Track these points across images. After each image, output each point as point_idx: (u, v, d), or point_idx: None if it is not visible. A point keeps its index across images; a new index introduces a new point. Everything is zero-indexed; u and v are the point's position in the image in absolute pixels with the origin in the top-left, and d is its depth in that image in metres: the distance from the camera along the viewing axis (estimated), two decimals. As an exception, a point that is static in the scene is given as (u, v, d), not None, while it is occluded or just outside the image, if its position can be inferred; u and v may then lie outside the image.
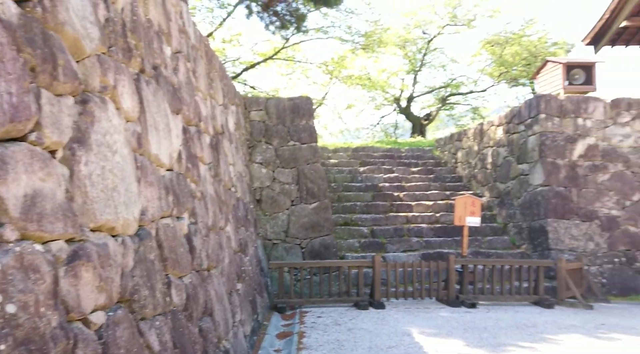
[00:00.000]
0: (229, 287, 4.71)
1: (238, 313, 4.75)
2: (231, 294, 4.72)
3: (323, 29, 16.94)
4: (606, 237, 8.90)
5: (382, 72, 23.08)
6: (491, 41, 22.22)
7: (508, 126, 10.75)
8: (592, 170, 9.22)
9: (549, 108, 9.42)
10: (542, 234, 9.04)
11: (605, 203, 9.07)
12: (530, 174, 9.60)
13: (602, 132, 9.38)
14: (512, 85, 23.00)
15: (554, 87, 11.77)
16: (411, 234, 10.17)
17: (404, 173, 13.15)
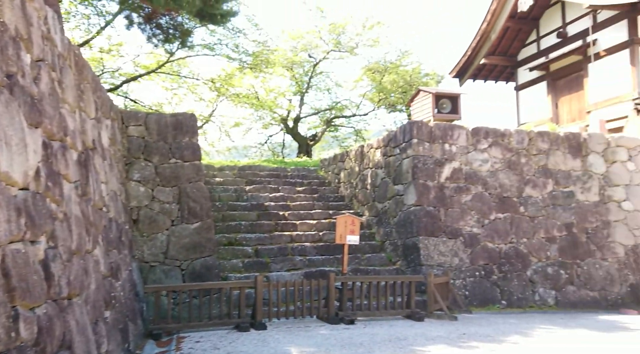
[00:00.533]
0: (95, 316, 4.35)
1: (104, 344, 4.40)
2: (97, 323, 4.36)
3: (210, 45, 16.71)
4: (469, 253, 9.79)
5: (270, 92, 23.32)
6: (372, 69, 23.64)
7: (385, 149, 11.43)
8: (457, 191, 10.13)
9: (420, 133, 10.21)
10: (414, 251, 9.68)
11: (468, 222, 9.99)
12: (404, 195, 10.27)
13: (465, 157, 10.37)
14: (391, 110, 24.63)
15: (426, 114, 12.81)
16: (295, 253, 10.28)
17: (290, 192, 13.32)
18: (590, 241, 10.51)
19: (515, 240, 10.13)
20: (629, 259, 10.57)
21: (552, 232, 10.37)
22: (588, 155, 11.08)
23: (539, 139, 10.87)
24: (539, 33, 16.10)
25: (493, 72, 18.13)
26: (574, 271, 10.20)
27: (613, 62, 12.89)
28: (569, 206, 10.63)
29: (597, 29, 13.36)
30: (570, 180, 10.81)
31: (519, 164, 10.62)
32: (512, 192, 10.43)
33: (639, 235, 10.78)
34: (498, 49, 16.87)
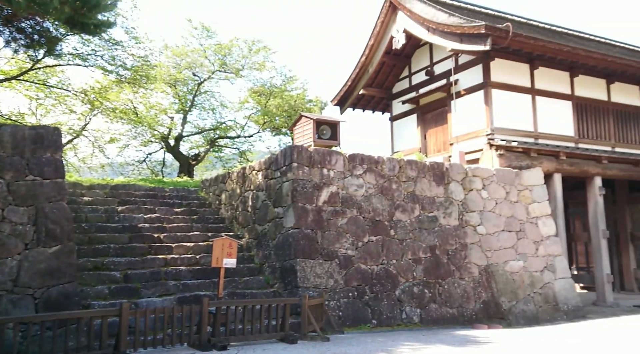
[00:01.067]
0: None
1: None
2: None
3: (83, 55, 15.63)
4: (343, 275, 10.14)
5: (150, 108, 22.37)
6: (257, 91, 23.89)
7: (267, 172, 11.52)
8: (334, 215, 10.50)
9: (300, 158, 10.47)
10: (292, 273, 9.78)
11: (343, 244, 10.38)
12: (284, 217, 10.39)
13: (342, 182, 10.82)
14: (275, 133, 24.99)
15: (307, 139, 13.19)
16: (169, 278, 9.83)
17: (167, 213, 12.78)
18: (451, 261, 11.50)
19: (386, 261, 10.73)
20: (482, 278, 11.73)
21: (418, 253, 11.16)
22: (450, 183, 12.19)
23: (408, 167, 11.74)
24: (411, 70, 17.54)
25: (371, 103, 19.29)
26: (436, 290, 11.05)
27: (471, 100, 14.46)
28: (433, 229, 11.56)
29: (458, 70, 14.94)
30: (435, 205, 11.79)
31: (390, 189, 11.34)
32: (384, 216, 11.07)
33: (490, 256, 12.05)
34: (375, 82, 18.02)
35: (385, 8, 15.99)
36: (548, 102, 14.85)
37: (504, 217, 12.59)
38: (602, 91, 16.13)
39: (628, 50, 20.43)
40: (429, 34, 14.31)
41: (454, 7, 16.74)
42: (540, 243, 12.80)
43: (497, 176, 12.84)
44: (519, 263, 12.30)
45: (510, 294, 11.81)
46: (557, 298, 12.38)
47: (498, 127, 13.78)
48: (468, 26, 12.68)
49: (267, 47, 23.43)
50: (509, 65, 14.30)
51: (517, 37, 12.48)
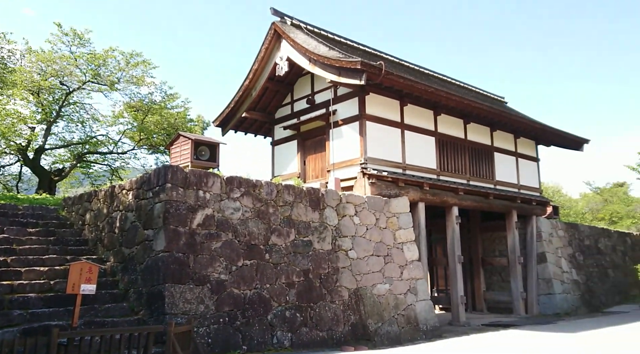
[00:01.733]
0: None
1: None
2: None
3: None
4: (214, 300, 9.87)
5: (6, 116, 20.06)
6: (134, 106, 22.69)
7: (138, 191, 10.92)
8: (209, 238, 10.25)
9: (175, 178, 10.11)
10: (159, 299, 9.29)
11: (216, 268, 10.14)
12: (154, 240, 9.89)
13: (219, 205, 10.64)
14: (152, 151, 23.85)
15: (184, 159, 12.83)
16: (14, 306, 8.76)
17: (18, 234, 11.48)
18: (323, 285, 11.81)
19: (260, 286, 10.68)
20: (351, 301, 12.20)
21: (292, 278, 11.30)
22: (325, 209, 12.61)
23: (286, 192, 11.93)
24: (293, 97, 18.03)
25: (253, 126, 19.39)
26: (308, 313, 11.23)
27: (348, 131, 15.24)
28: (307, 253, 11.81)
29: (337, 101, 15.70)
30: (310, 230, 12.08)
31: (267, 213, 11.39)
32: (260, 240, 11.07)
33: (360, 280, 12.60)
34: (258, 106, 18.19)
35: (270, 35, 16.33)
36: (415, 137, 16.19)
37: (373, 243, 13.30)
38: (460, 130, 18.03)
39: (482, 95, 23.21)
40: (311, 64, 14.89)
41: (335, 41, 17.68)
42: (404, 267, 13.71)
43: (368, 203, 13.58)
44: (385, 286, 13.03)
45: (376, 316, 12.42)
46: (418, 319, 13.29)
47: (371, 157, 14.66)
48: (346, 61, 13.44)
49: (147, 61, 22.46)
50: (382, 100, 15.39)
51: (389, 75, 13.50)
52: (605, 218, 41.95)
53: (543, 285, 19.56)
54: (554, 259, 20.29)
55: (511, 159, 20.23)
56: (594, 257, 23.58)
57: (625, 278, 25.26)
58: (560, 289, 19.67)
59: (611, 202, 44.71)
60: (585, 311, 20.08)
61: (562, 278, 20.18)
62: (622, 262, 25.92)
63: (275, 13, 16.56)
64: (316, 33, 17.15)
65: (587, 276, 22.09)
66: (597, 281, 22.78)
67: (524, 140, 20.98)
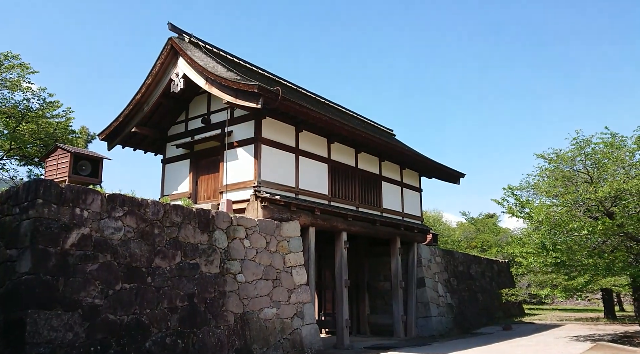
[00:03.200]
0: None
1: None
2: None
3: None
4: (86, 327, 9.09)
5: None
6: (6, 112, 20.54)
7: (2, 207, 9.83)
8: (84, 259, 9.47)
9: (48, 194, 9.26)
10: (19, 327, 8.33)
11: (90, 292, 9.37)
12: (18, 261, 8.91)
13: (98, 224, 9.92)
14: (24, 163, 21.66)
15: (62, 173, 11.87)
16: None
17: None
18: (208, 310, 11.43)
19: (139, 311, 10.05)
20: (237, 326, 11.94)
21: (176, 302, 10.80)
22: (215, 231, 12.32)
23: (174, 212, 11.47)
24: (188, 115, 17.58)
25: (144, 142, 18.48)
26: (190, 339, 10.77)
27: (243, 153, 15.16)
28: (194, 277, 11.39)
29: (233, 122, 15.60)
30: (197, 253, 11.70)
31: (152, 234, 10.85)
32: (142, 263, 10.47)
33: (247, 304, 12.41)
34: (150, 121, 17.44)
35: (167, 51, 15.88)
36: (309, 163, 16.57)
37: (262, 266, 13.23)
38: (352, 158, 18.83)
39: (373, 126, 24.52)
40: (207, 84, 14.69)
41: (234, 63, 17.67)
42: (292, 291, 13.78)
43: (259, 226, 13.54)
44: (272, 311, 12.96)
45: (262, 341, 12.27)
46: (303, 343, 13.36)
47: (265, 181, 14.70)
48: (243, 83, 13.47)
49: (26, 64, 20.54)
50: (278, 125, 15.60)
51: (285, 101, 13.76)
52: (477, 246, 46.05)
53: (421, 308, 20.78)
54: (432, 283, 21.73)
55: (397, 188, 21.48)
56: (466, 282, 25.66)
57: (492, 301, 27.78)
58: (437, 312, 21.04)
59: (483, 231, 49.24)
60: (458, 332, 21.63)
61: (438, 302, 21.63)
62: (489, 287, 28.51)
63: (173, 29, 16.19)
64: (215, 53, 17.02)
65: (459, 300, 23.92)
66: (468, 304, 24.76)
67: (409, 171, 22.44)
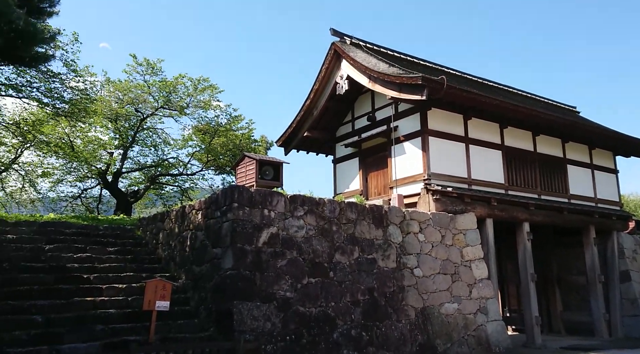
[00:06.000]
0: None
1: None
2: None
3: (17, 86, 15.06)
4: (281, 317, 9.99)
5: (88, 142, 21.64)
6: (202, 129, 23.75)
7: (207, 211, 11.35)
8: (274, 256, 10.43)
9: (241, 198, 10.42)
10: (228, 316, 9.53)
11: (282, 286, 10.28)
12: (222, 258, 10.20)
13: (283, 223, 10.84)
14: (219, 172, 24.74)
15: (249, 179, 13.20)
16: (96, 321, 9.29)
17: (99, 253, 12.22)
18: (388, 304, 11.63)
19: (325, 304, 10.70)
20: (418, 320, 11.92)
21: (357, 296, 11.22)
22: (389, 226, 12.48)
23: (349, 210, 11.94)
24: (354, 114, 18.14)
25: (315, 145, 19.62)
26: (374, 332, 11.08)
27: (410, 146, 15.08)
28: (372, 271, 11.70)
29: (398, 117, 15.62)
30: (374, 248, 11.99)
31: (330, 231, 11.45)
32: (324, 258, 11.12)
33: (426, 298, 12.30)
34: (319, 125, 18.43)
35: (330, 55, 16.60)
36: (481, 151, 15.73)
37: (439, 260, 12.97)
38: (529, 142, 17.31)
39: (552, 105, 22.20)
40: (370, 82, 14.95)
41: (395, 57, 17.66)
42: (473, 286, 13.23)
43: (433, 219, 13.30)
44: (453, 306, 12.62)
45: (445, 336, 12.04)
46: (489, 340, 12.73)
47: (435, 173, 14.40)
48: (406, 77, 13.38)
49: (214, 85, 23.52)
50: (445, 114, 15.13)
51: (450, 89, 13.28)
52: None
53: (627, 305, 18.12)
54: (639, 277, 18.79)
55: (586, 171, 19.10)
56: (685, 275, 21.56)
57: None
58: (648, 310, 18.12)
59: None
60: (679, 334, 18.33)
61: (649, 298, 18.59)
62: None
63: (335, 33, 16.84)
64: (375, 51, 17.23)
65: (678, 297, 20.21)
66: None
67: (600, 151, 19.77)
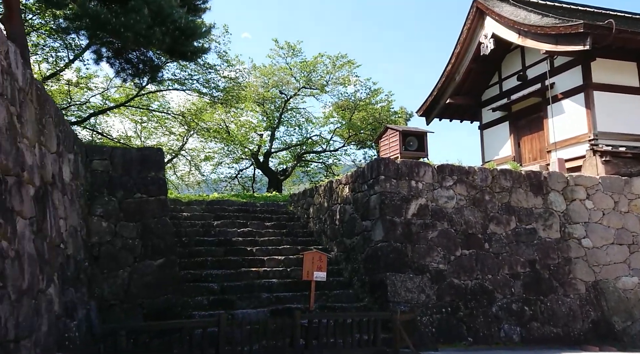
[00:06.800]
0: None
1: (54, 389, 4.19)
2: (47, 367, 4.17)
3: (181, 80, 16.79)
4: (435, 289, 9.82)
5: (241, 126, 23.44)
6: (342, 106, 24.13)
7: (354, 185, 11.54)
8: (424, 228, 10.24)
9: (387, 170, 10.37)
10: (381, 287, 9.66)
11: (434, 258, 10.07)
12: (372, 231, 10.32)
13: (432, 194, 10.55)
14: (360, 146, 25.02)
15: (393, 151, 13.05)
16: (262, 290, 10.12)
17: (258, 228, 13.21)
18: (553, 277, 10.72)
19: (481, 276, 10.24)
20: (589, 295, 10.80)
21: (516, 268, 10.54)
22: (549, 193, 11.42)
23: (502, 177, 11.18)
24: (501, 75, 16.78)
25: (458, 112, 18.67)
26: (537, 307, 10.33)
27: (570, 104, 13.51)
28: (532, 242, 10.86)
29: (555, 73, 14.04)
30: (532, 217, 11.09)
31: (483, 201, 10.86)
32: (477, 229, 10.61)
33: (598, 272, 11.06)
34: (463, 90, 17.44)
35: (472, 14, 15.50)
36: (660, 102, 13.46)
37: (613, 229, 11.53)
38: None
39: None
40: (520, 37, 13.63)
41: (547, 7, 15.84)
42: (657, 258, 11.54)
43: (603, 184, 11.82)
44: (633, 280, 11.17)
45: (623, 313, 10.74)
46: (681, 319, 11.04)
47: (602, 132, 12.73)
48: (564, 26, 11.91)
49: (352, 61, 23.65)
50: (613, 64, 13.20)
51: (621, 33, 11.50)
52: None
53: None
54: None
55: None
56: None
57: None
58: None
59: None
60: None
61: None
62: None
63: (476, -11, 15.63)
64: (524, 1, 15.63)
65: None
66: None
67: None
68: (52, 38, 14.09)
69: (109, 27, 8.25)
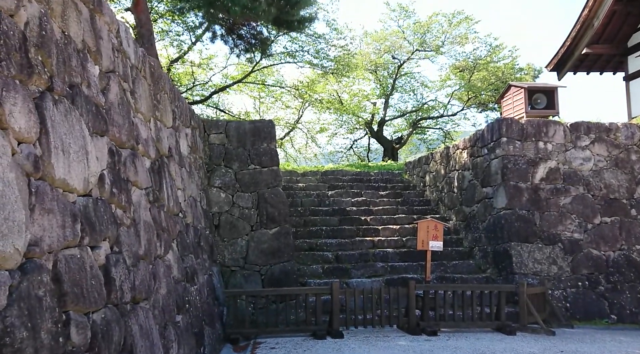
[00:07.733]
0: (164, 320, 4.41)
1: (174, 348, 4.44)
2: (166, 327, 4.42)
3: (292, 53, 16.96)
4: (569, 261, 8.83)
5: (353, 96, 23.20)
6: (459, 67, 22.62)
7: (472, 150, 10.75)
8: (554, 193, 9.21)
9: (510, 132, 9.45)
10: (506, 258, 8.93)
11: (567, 226, 9.04)
12: (494, 198, 9.55)
13: (563, 156, 9.42)
14: (481, 109, 23.36)
15: (517, 111, 11.89)
16: (376, 259, 9.97)
17: (372, 197, 13.02)
18: None
19: (627, 247, 8.99)
20: None
21: (672, 238, 9.05)
22: None
23: (653, 133, 9.59)
24: (652, 15, 14.30)
25: (597, 63, 16.36)
26: (700, 283, 8.82)
27: None
28: (693, 208, 9.23)
29: None
30: (694, 179, 9.40)
31: (628, 161, 9.44)
32: (621, 194, 9.28)
33: None
34: (603, 37, 15.19)
35: (612, -55, 13.30)
36: None
37: None
38: None
39: None
40: (677, -36, 11.38)
41: None
42: None
43: None
44: None
45: None
46: None
47: None
48: None
49: (469, 17, 21.92)
50: None
51: None
52: None
53: None
54: None
55: None
56: None
57: None
58: None
59: None
60: None
61: None
62: None
63: None
64: None
65: None
66: None
67: None
68: (176, 23, 15.03)
69: (217, 3, 8.45)
